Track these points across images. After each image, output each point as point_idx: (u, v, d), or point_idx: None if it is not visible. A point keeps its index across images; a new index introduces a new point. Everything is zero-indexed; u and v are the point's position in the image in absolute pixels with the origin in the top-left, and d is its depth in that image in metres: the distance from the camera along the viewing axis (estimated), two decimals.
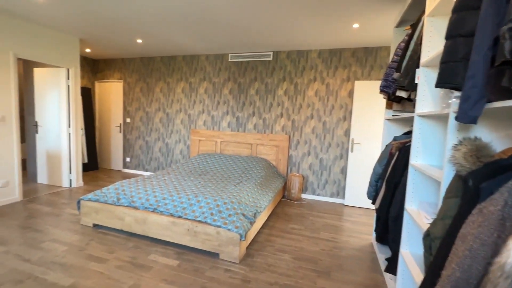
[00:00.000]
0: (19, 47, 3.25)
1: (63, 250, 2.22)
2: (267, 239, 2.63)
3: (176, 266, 2.08)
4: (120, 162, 5.45)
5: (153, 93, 4.99)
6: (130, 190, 2.69)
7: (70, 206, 3.25)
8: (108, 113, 5.50)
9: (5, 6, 2.86)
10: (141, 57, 5.01)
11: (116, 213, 2.57)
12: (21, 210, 3.04)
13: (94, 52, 4.85)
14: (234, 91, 4.43)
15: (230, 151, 4.45)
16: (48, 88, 3.99)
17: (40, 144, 4.14)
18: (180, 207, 2.42)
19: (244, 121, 4.40)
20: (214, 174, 3.51)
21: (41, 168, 4.17)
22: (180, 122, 4.85)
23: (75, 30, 3.61)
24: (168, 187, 2.77)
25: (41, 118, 4.09)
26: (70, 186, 4.08)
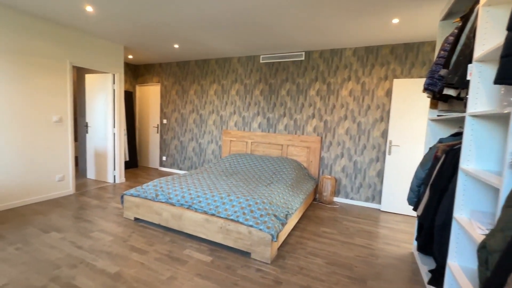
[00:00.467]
0: (74, 55, 3.63)
1: (109, 240, 2.43)
2: (298, 241, 2.60)
3: (210, 262, 2.15)
4: (157, 161, 5.80)
5: (188, 96, 5.22)
6: (167, 187, 2.84)
7: (114, 200, 3.54)
8: (147, 114, 5.88)
9: (62, 19, 3.22)
10: (177, 61, 5.28)
11: (154, 208, 2.74)
12: (74, 202, 3.39)
13: (136, 58, 5.23)
14: (265, 92, 4.45)
15: (260, 151, 4.47)
16: (97, 92, 4.40)
17: (89, 143, 4.57)
18: (213, 205, 2.50)
19: (275, 122, 4.40)
20: (245, 174, 3.56)
21: (90, 165, 4.61)
22: (212, 123, 5.00)
23: (120, 38, 3.93)
24: (202, 185, 2.88)
25: (90, 119, 4.52)
26: (114, 182, 4.44)
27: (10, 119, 3.01)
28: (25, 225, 2.65)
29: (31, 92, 3.18)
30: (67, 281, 1.81)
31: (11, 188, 3.08)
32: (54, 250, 2.21)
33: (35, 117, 3.24)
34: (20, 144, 3.12)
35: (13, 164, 3.07)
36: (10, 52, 2.96)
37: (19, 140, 3.11)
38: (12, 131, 3.04)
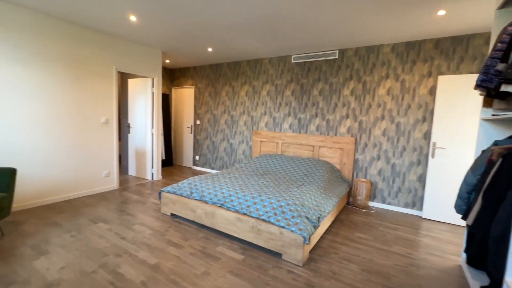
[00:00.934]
0: (119, 62, 3.95)
1: (148, 233, 2.59)
2: (331, 245, 2.52)
3: (241, 260, 2.19)
4: (190, 160, 6.05)
5: (220, 97, 5.37)
6: (201, 185, 2.95)
7: (152, 196, 3.77)
8: (181, 116, 6.18)
9: (109, 29, 3.53)
10: (210, 64, 5.46)
11: (189, 205, 2.86)
12: (118, 196, 3.68)
13: (172, 63, 5.52)
14: (296, 92, 4.40)
15: (291, 152, 4.43)
16: (138, 95, 4.73)
17: (131, 143, 4.94)
18: (244, 205, 2.54)
19: (306, 123, 4.33)
20: (276, 175, 3.55)
21: (131, 163, 4.97)
22: (243, 124, 5.08)
23: (159, 44, 4.19)
24: (234, 185, 2.94)
25: (132, 120, 4.88)
26: (152, 179, 4.74)
27: (66, 120, 3.38)
28: (78, 215, 2.95)
29: (83, 96, 3.53)
30: (113, 268, 1.98)
31: (66, 182, 3.45)
32: (102, 239, 2.42)
33: (86, 118, 3.59)
34: (73, 143, 3.48)
35: (68, 161, 3.44)
36: (67, 60, 3.33)
37: (73, 139, 3.47)
38: (67, 131, 3.40)
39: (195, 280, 1.88)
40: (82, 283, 1.80)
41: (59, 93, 3.28)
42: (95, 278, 1.86)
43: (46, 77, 3.15)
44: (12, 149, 2.93)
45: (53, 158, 3.29)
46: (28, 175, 3.08)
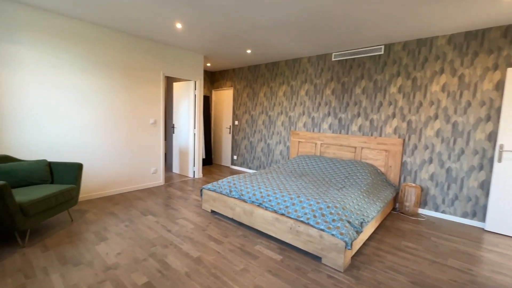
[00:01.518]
0: (165, 67, 4.25)
1: (191, 227, 2.74)
2: (375, 253, 2.37)
3: (279, 260, 2.18)
4: (228, 159, 6.24)
5: (258, 98, 5.44)
6: (240, 184, 3.02)
7: (194, 193, 3.98)
8: (220, 116, 6.41)
9: (157, 37, 3.82)
10: (249, 65, 5.56)
11: (228, 203, 2.95)
12: (163, 192, 3.97)
13: (213, 66, 5.76)
14: (337, 91, 4.24)
15: (330, 153, 4.28)
16: (181, 98, 5.04)
17: (175, 142, 5.28)
18: (283, 205, 2.52)
19: (348, 123, 4.13)
20: (315, 177, 3.46)
21: (175, 161, 5.32)
22: (281, 124, 5.07)
23: (201, 49, 4.40)
24: (272, 185, 2.94)
25: (176, 121, 5.21)
26: (193, 177, 5.00)
27: (121, 122, 3.76)
28: (130, 207, 3.26)
29: (135, 99, 3.89)
30: (161, 258, 2.14)
31: (121, 177, 3.83)
32: (151, 230, 2.63)
33: (137, 120, 3.94)
34: (127, 142, 3.85)
35: (122, 158, 3.82)
36: (121, 68, 3.69)
37: (126, 139, 3.84)
38: (122, 131, 3.78)
39: (234, 276, 1.93)
40: (135, 269, 1.98)
41: (115, 97, 3.66)
42: (145, 265, 2.03)
43: (105, 83, 3.54)
44: (78, 146, 3.36)
45: (111, 155, 3.68)
46: (91, 170, 3.50)
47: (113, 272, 1.93)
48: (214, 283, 1.85)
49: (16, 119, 2.86)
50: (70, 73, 3.20)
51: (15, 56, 2.80)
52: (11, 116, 2.82)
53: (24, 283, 1.77)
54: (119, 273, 1.91)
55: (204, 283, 1.84)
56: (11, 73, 2.79)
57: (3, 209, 1.99)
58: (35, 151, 3.01)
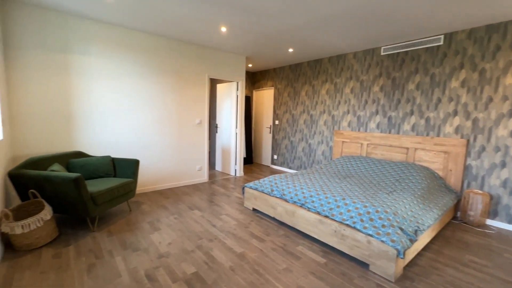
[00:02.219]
0: (210, 69, 4.46)
1: (234, 224, 2.83)
2: (431, 265, 2.14)
3: (323, 264, 2.12)
4: (269, 159, 6.28)
5: (299, 97, 5.36)
6: (281, 184, 3.02)
7: (236, 191, 4.10)
8: (261, 116, 6.48)
9: (202, 41, 4.02)
10: (290, 64, 5.51)
11: (270, 202, 2.97)
12: (208, 188, 4.17)
13: (254, 66, 5.85)
14: (386, 88, 3.94)
15: (378, 155, 4.00)
16: (224, 98, 5.23)
17: (218, 141, 5.51)
18: (327, 207, 2.45)
19: (399, 122, 3.81)
20: (360, 179, 3.27)
21: (218, 159, 5.55)
22: (323, 124, 4.91)
23: (243, 50, 4.51)
24: (315, 186, 2.87)
25: (219, 121, 5.43)
26: (235, 175, 5.15)
27: (171, 122, 4.06)
28: (178, 201, 3.50)
29: (183, 101, 4.16)
30: (207, 251, 2.25)
31: (170, 173, 4.14)
32: (197, 224, 2.79)
33: (184, 120, 4.22)
34: (176, 141, 4.15)
35: (172, 156, 4.12)
36: (171, 72, 3.99)
37: (175, 138, 4.14)
38: (171, 131, 4.08)
39: (277, 275, 1.94)
40: (184, 258, 2.12)
41: (166, 99, 3.97)
42: (193, 256, 2.16)
43: (158, 87, 3.86)
44: (136, 144, 3.73)
45: (162, 152, 4.01)
46: (146, 166, 3.86)
47: (165, 260, 2.10)
48: (257, 279, 1.88)
49: (87, 120, 3.30)
50: (130, 79, 3.58)
51: (86, 66, 3.23)
52: (83, 118, 3.27)
53: (95, 262, 2.04)
54: (170, 261, 2.07)
55: (247, 279, 1.88)
56: (83, 80, 3.23)
57: (78, 198, 2.32)
58: (101, 148, 3.44)
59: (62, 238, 2.41)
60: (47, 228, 2.28)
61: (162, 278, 1.86)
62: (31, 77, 2.88)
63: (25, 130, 2.89)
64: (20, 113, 2.85)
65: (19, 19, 2.76)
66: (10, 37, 2.73)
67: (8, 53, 2.73)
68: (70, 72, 3.12)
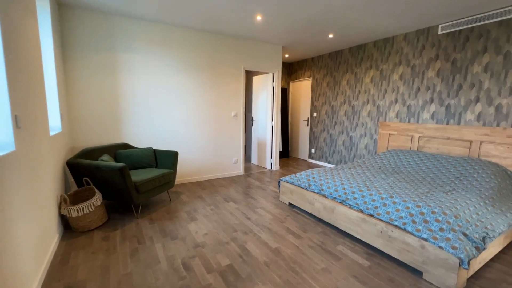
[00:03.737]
0: (245, 61, 4.40)
1: (269, 218, 2.76)
2: (504, 279, 1.79)
3: (367, 267, 1.92)
4: (306, 152, 6.05)
5: (339, 86, 5.01)
6: (320, 178, 2.84)
7: (271, 184, 4.02)
8: (298, 108, 6.25)
9: (237, 32, 3.96)
10: (329, 52, 5.17)
11: (307, 197, 2.82)
12: (243, 181, 4.17)
13: (291, 57, 5.64)
14: (444, 72, 3.43)
15: (433, 148, 3.53)
16: (260, 91, 5.15)
17: (254, 134, 5.47)
18: (371, 205, 2.22)
19: (460, 110, 3.30)
20: (411, 175, 2.92)
21: (254, 152, 5.52)
22: (366, 115, 4.52)
23: (279, 39, 4.34)
24: (357, 181, 2.64)
25: (255, 114, 5.38)
26: (271, 168, 5.07)
27: (208, 115, 4.12)
28: (215, 193, 3.55)
29: (219, 94, 4.19)
30: (241, 244, 2.22)
31: (207, 165, 4.24)
32: (232, 216, 2.79)
33: (221, 113, 4.25)
34: (213, 133, 4.21)
35: (209, 148, 4.20)
36: (206, 66, 4.03)
37: (212, 131, 4.20)
38: (208, 124, 4.15)
39: (315, 275, 1.81)
40: (219, 250, 2.12)
41: (203, 93, 4.03)
42: (228, 248, 2.15)
43: (196, 81, 3.94)
44: (176, 137, 3.88)
45: (200, 145, 4.11)
46: (184, 158, 4.00)
47: (201, 250, 2.12)
48: (293, 278, 1.78)
49: (132, 114, 3.52)
50: (170, 74, 3.71)
51: (131, 63, 3.42)
52: (129, 112, 3.48)
53: (137, 247, 2.15)
54: (206, 252, 2.09)
55: (283, 276, 1.79)
56: (128, 77, 3.43)
57: (123, 186, 2.47)
58: (144, 140, 3.64)
59: (111, 223, 2.61)
60: (98, 212, 2.48)
61: (198, 268, 1.87)
62: (85, 76, 3.15)
63: (80, 124, 3.19)
64: (76, 109, 3.14)
65: (73, 22, 3.02)
66: (66, 39, 3.00)
67: (65, 55, 3.01)
68: (118, 69, 3.34)
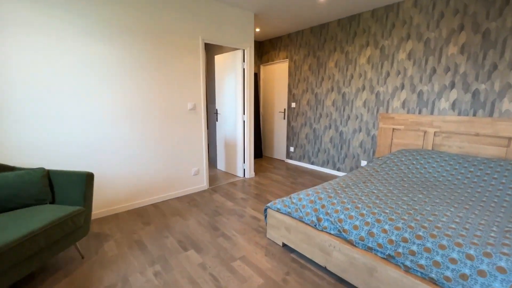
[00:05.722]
0: (205, 31, 3.08)
1: (258, 283, 1.62)
2: None
3: None
4: (283, 151, 5.03)
5: (325, 69, 4.02)
6: (333, 206, 1.77)
7: (249, 204, 2.88)
8: (271, 98, 5.15)
9: None
10: (311, 27, 4.12)
11: (317, 241, 1.75)
12: (209, 201, 2.94)
13: (262, 32, 4.45)
14: (470, 48, 2.63)
15: (454, 147, 2.76)
16: (226, 74, 3.88)
17: (219, 132, 4.22)
18: (450, 268, 1.23)
19: (493, 98, 2.54)
20: (457, 192, 2.04)
21: (220, 155, 4.28)
22: (362, 105, 3.62)
23: (251, 4, 3.12)
24: (394, 209, 1.63)
25: (220, 105, 4.11)
26: (243, 176, 3.91)
27: (149, 109, 2.75)
28: (164, 231, 2.27)
29: (167, 76, 2.83)
30: None
31: (153, 182, 2.89)
32: (195, 286, 1.58)
33: (171, 105, 2.91)
34: (157, 135, 2.85)
35: (153, 157, 2.85)
36: (148, 32, 2.62)
37: (156, 131, 2.84)
38: (150, 122, 2.78)
39: None
40: None
41: (141, 73, 2.63)
42: None
43: (126, 55, 2.51)
44: (93, 144, 2.44)
45: (138, 153, 2.73)
46: (112, 175, 2.59)
47: None
48: None
49: (6, 108, 1.99)
50: (79, 41, 2.23)
51: None
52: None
53: None
54: None
55: None
56: None
57: None
58: (30, 154, 2.14)
59: None
60: None
61: None
62: None
63: None
64: None
65: None
66: None
67: None
68: None
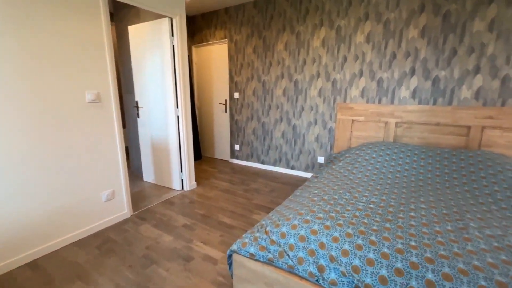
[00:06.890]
0: None
1: None
2: None
3: None
4: (226, 151, 4.28)
5: (273, 53, 3.42)
6: (338, 245, 1.18)
7: (196, 234, 2.06)
8: (209, 87, 4.28)
9: None
10: (255, 0, 3.43)
11: None
12: (133, 239, 1.98)
13: (192, 2, 3.49)
14: (431, 31, 2.45)
15: (415, 139, 2.61)
16: (147, 53, 2.83)
17: (143, 131, 3.13)
18: None
19: (452, 85, 2.43)
20: (437, 189, 1.75)
21: (146, 163, 3.21)
22: (317, 94, 3.20)
23: None
24: (434, 247, 1.15)
25: (141, 96, 3.02)
26: (182, 189, 3.00)
27: (18, 107, 1.55)
28: None
29: (46, 54, 1.67)
30: None
31: (38, 223, 1.71)
32: None
33: (57, 98, 1.76)
34: (40, 148, 1.69)
35: (39, 183, 1.67)
36: None
37: (37, 142, 1.67)
38: (22, 129, 1.59)
39: None
40: None
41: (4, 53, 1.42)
42: None
43: None
44: None
45: (12, 181, 1.53)
46: None
47: None
48: None
49: None
50: None
51: None
52: None
53: None
54: None
55: None
56: None
57: None
58: None
59: None
60: None
61: None
62: None
63: None
64: None
65: None
66: None
67: None
68: None
